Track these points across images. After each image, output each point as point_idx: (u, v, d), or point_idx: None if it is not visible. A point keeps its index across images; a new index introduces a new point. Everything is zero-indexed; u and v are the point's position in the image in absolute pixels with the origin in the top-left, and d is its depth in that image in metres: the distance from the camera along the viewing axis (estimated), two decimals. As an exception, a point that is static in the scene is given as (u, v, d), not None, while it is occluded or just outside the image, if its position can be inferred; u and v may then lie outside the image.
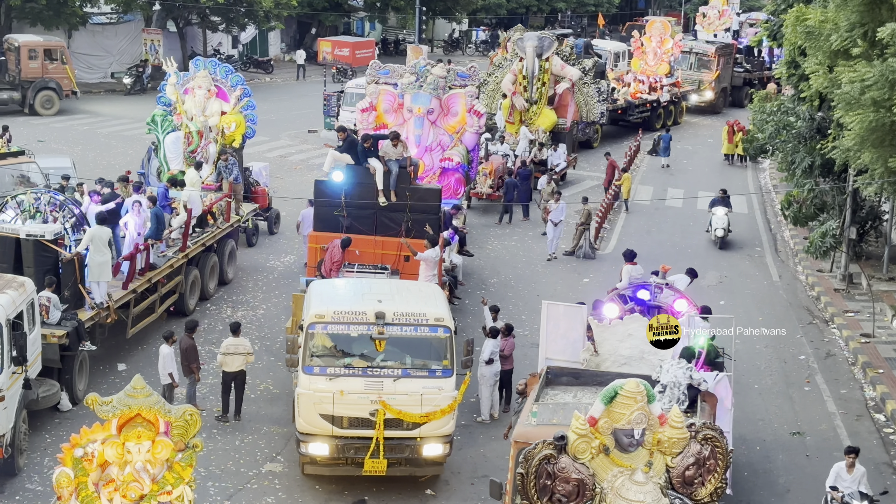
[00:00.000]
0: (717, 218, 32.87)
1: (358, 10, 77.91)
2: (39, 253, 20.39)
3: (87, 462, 11.60)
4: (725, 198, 33.48)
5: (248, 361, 20.19)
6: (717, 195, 33.75)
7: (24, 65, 47.45)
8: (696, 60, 57.14)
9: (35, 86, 47.44)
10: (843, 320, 26.35)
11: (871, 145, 20.92)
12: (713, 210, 33.21)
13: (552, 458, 11.85)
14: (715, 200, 33.51)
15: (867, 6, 21.01)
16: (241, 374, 20.05)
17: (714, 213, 33.07)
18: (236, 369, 19.95)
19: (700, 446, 12.15)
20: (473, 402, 20.74)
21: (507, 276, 29.13)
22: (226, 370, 20.00)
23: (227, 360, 19.92)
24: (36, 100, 47.39)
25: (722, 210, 32.96)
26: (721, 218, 32.80)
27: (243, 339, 20.11)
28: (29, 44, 48.00)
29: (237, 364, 19.93)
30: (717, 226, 32.75)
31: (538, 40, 40.20)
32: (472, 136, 30.84)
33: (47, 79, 47.67)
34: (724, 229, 32.66)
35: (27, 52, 47.62)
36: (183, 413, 11.78)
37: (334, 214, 23.00)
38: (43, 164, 29.37)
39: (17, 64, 47.55)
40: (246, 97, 29.67)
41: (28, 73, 47.48)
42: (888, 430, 20.87)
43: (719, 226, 32.71)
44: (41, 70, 47.70)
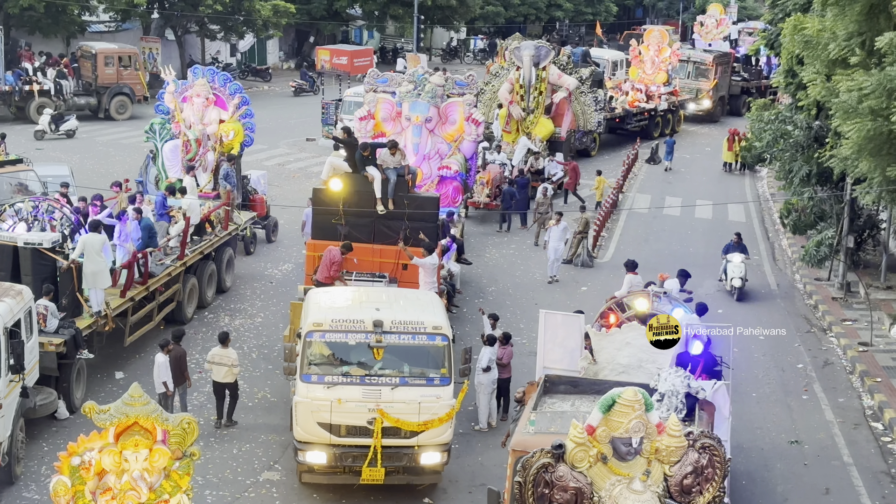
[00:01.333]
0: (733, 266, 29.00)
1: (356, 19, 78.04)
2: (37, 261, 20.38)
3: (84, 471, 11.58)
4: (740, 243, 29.91)
5: (234, 374, 20.14)
6: (732, 240, 29.92)
7: (101, 71, 49.55)
8: (693, 69, 57.28)
9: (110, 91, 49.33)
10: (840, 329, 26.35)
11: (868, 154, 20.93)
12: (728, 257, 29.35)
13: (550, 467, 11.83)
14: (729, 246, 29.76)
15: (865, 16, 21.05)
16: (230, 385, 20.05)
17: (729, 261, 29.19)
18: (222, 379, 19.93)
19: (698, 455, 12.14)
20: (471, 410, 20.72)
21: (505, 285, 29.13)
22: (214, 379, 20.03)
23: (213, 368, 19.94)
24: (111, 105, 49.49)
25: (738, 257, 29.16)
26: (737, 266, 28.95)
27: (230, 351, 20.03)
28: (105, 51, 50.25)
29: (222, 374, 19.90)
30: (734, 275, 28.84)
31: (535, 49, 40.25)
32: (470, 145, 30.87)
33: (122, 84, 49.90)
34: (741, 279, 28.77)
35: (103, 59, 49.70)
36: (180, 421, 11.77)
37: (332, 223, 23.00)
38: (41, 173, 29.36)
39: (94, 70, 49.51)
40: (244, 105, 29.73)
41: (104, 79, 49.46)
42: (886, 439, 20.85)
43: (736, 275, 28.80)
44: (116, 76, 49.75)
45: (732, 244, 29.70)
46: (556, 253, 29.52)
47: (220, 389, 20.04)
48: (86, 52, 50.30)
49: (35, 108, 47.03)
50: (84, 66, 50.44)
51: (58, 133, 43.25)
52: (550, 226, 29.85)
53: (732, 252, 29.40)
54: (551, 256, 29.65)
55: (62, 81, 49.07)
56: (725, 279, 29.15)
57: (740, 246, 29.62)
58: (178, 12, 58.77)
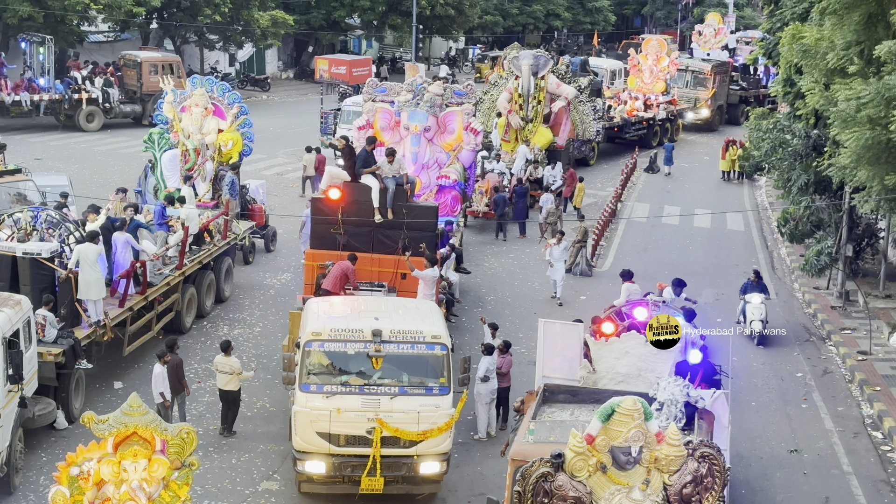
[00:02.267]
0: (752, 308, 26.40)
1: (355, 29, 78.14)
2: (36, 271, 20.38)
3: (83, 481, 11.58)
4: (760, 282, 27.28)
5: (244, 378, 20.23)
6: (750, 279, 27.35)
7: (146, 79, 50.55)
8: (692, 78, 57.39)
9: (154, 98, 48.96)
10: (840, 338, 26.35)
11: (867, 163, 20.96)
12: (746, 297, 26.71)
13: (549, 476, 11.83)
14: (747, 286, 27.11)
15: (863, 25, 21.08)
16: (232, 392, 20.08)
17: (748, 302, 26.57)
18: (224, 387, 20.01)
19: (697, 464, 12.14)
20: (470, 419, 20.71)
21: (504, 294, 29.13)
22: (219, 387, 20.13)
23: (218, 376, 20.05)
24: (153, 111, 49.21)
25: (758, 297, 26.51)
26: (757, 307, 26.37)
27: (232, 359, 20.04)
28: (150, 59, 51.57)
29: (224, 382, 19.98)
30: (754, 317, 26.27)
31: (534, 59, 40.30)
32: (468, 154, 30.86)
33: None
34: (761, 321, 26.11)
35: (148, 67, 50.89)
36: (179, 431, 11.77)
37: (331, 232, 23.00)
38: (40, 182, 29.36)
39: (139, 78, 50.56)
40: (243, 115, 29.78)
41: (148, 87, 50.20)
42: (886, 448, 20.84)
43: (756, 317, 26.24)
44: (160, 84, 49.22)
45: (750, 283, 26.98)
46: (558, 273, 28.59)
47: (223, 396, 20.15)
48: (129, 61, 51.55)
49: (84, 117, 48.48)
50: (127, 74, 51.33)
51: None
52: (550, 245, 28.96)
53: (751, 292, 26.65)
54: (555, 277, 28.69)
55: (109, 90, 50.01)
56: (744, 322, 26.34)
57: (759, 285, 26.97)
58: (177, 22, 58.83)
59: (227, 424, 20.16)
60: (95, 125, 47.43)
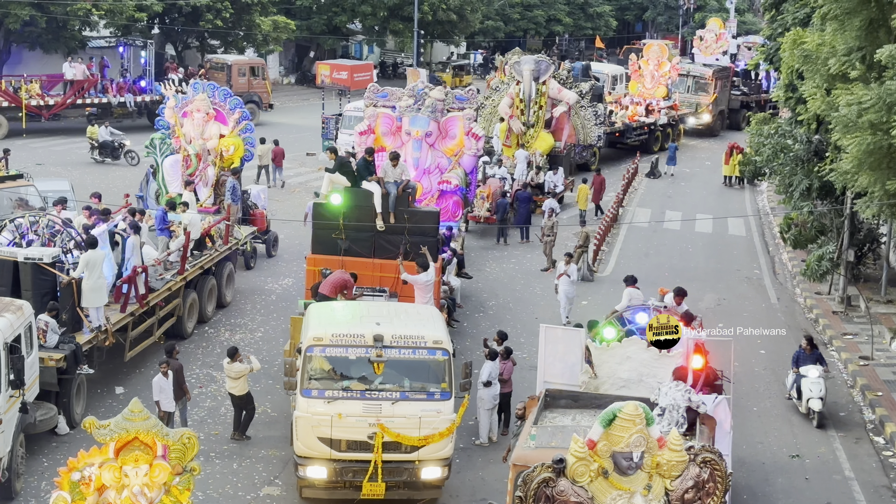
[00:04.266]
0: (809, 383, 22.05)
1: (356, 34, 78.20)
2: (38, 276, 20.40)
3: (84, 486, 11.57)
4: (815, 350, 22.73)
5: (255, 370, 20.31)
6: (801, 347, 22.82)
7: (235, 80, 54.01)
8: (693, 83, 57.38)
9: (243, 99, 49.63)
10: (841, 343, 26.33)
11: (868, 168, 20.95)
12: (801, 370, 22.37)
13: (551, 482, 11.82)
14: (800, 355, 22.64)
15: (865, 30, 21.09)
16: (242, 397, 20.14)
17: (803, 376, 22.26)
18: (230, 390, 20.12)
19: (699, 469, 12.13)
20: (472, 424, 20.70)
21: (505, 299, 29.12)
22: (229, 392, 20.28)
23: (227, 381, 20.15)
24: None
25: (815, 371, 22.13)
26: (815, 383, 21.98)
27: (235, 364, 20.05)
28: (239, 62, 55.76)
29: (230, 386, 20.08)
30: (811, 394, 21.93)
31: (535, 64, 40.35)
32: (470, 159, 30.88)
33: (251, 93, 54.06)
34: (820, 399, 21.88)
35: (237, 70, 54.93)
36: (181, 436, 11.76)
37: (332, 237, 23.00)
38: (41, 188, 29.40)
39: (228, 80, 53.49)
40: (244, 120, 29.77)
41: (237, 89, 51.82)
42: (887, 453, 20.82)
43: (814, 394, 21.90)
44: (248, 85, 53.86)
45: (803, 352, 22.62)
46: (567, 296, 27.06)
47: (234, 401, 20.29)
48: (217, 64, 55.28)
49: None
50: (213, 76, 53.01)
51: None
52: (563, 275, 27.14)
53: (806, 363, 22.39)
54: (563, 300, 27.12)
55: None
56: (799, 399, 22.43)
57: (814, 354, 22.58)
58: (179, 27, 58.89)
59: (241, 429, 20.24)
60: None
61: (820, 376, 22.12)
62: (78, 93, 49.11)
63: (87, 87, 49.56)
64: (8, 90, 47.10)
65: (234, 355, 20.05)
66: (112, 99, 49.69)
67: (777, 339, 26.50)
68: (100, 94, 50.03)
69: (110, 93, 49.90)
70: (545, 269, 31.28)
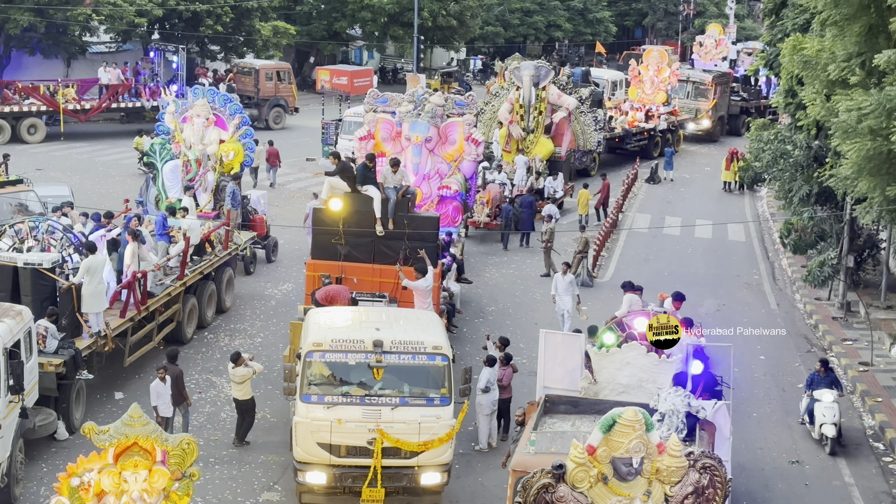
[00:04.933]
0: (823, 407, 21.13)
1: (356, 39, 78.23)
2: (37, 281, 20.40)
3: (83, 491, 11.56)
4: (829, 374, 21.82)
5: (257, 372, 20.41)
6: (815, 370, 21.93)
7: (262, 85, 55.58)
8: (693, 89, 57.41)
9: (270, 103, 55.12)
10: (841, 349, 26.32)
11: (868, 174, 20.95)
12: (815, 394, 21.45)
13: (550, 487, 11.82)
14: (814, 378, 21.70)
15: (864, 36, 21.09)
16: (246, 402, 20.20)
17: (817, 400, 21.33)
18: (235, 394, 20.21)
19: (699, 475, 12.12)
20: (471, 430, 20.69)
21: (504, 305, 29.12)
22: (233, 396, 20.37)
23: (231, 386, 20.25)
24: (269, 115, 54.75)
25: (829, 395, 21.19)
26: (829, 407, 21.06)
27: (239, 368, 20.08)
28: (266, 66, 56.79)
29: (234, 391, 20.17)
30: (825, 419, 21.02)
31: (535, 69, 40.35)
32: (469, 165, 30.89)
33: (278, 97, 55.77)
34: (834, 424, 20.92)
35: (265, 74, 55.90)
36: (180, 442, 11.76)
37: (332, 242, 23.00)
38: (41, 193, 29.41)
39: (256, 84, 55.40)
40: (244, 125, 29.79)
41: (265, 92, 55.45)
42: (887, 459, 20.81)
43: (828, 420, 20.98)
44: (275, 89, 55.91)
45: (817, 375, 21.68)
46: (564, 309, 26.03)
47: (237, 406, 20.34)
48: (244, 68, 56.68)
49: None
50: (240, 80, 56.01)
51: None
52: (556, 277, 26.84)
53: (820, 387, 21.43)
54: (562, 311, 26.08)
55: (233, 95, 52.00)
56: (812, 425, 21.53)
57: (829, 377, 21.66)
58: (179, 32, 58.90)
59: (240, 435, 20.24)
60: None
61: (834, 401, 21.14)
62: (112, 97, 49.73)
63: (121, 92, 50.30)
64: (46, 94, 47.86)
65: (237, 360, 20.08)
66: (145, 103, 50.22)
67: (777, 342, 26.54)
68: (133, 98, 50.82)
69: (143, 97, 50.63)
70: (545, 275, 31.28)
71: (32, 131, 47.40)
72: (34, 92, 47.68)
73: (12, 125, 46.85)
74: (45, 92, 47.80)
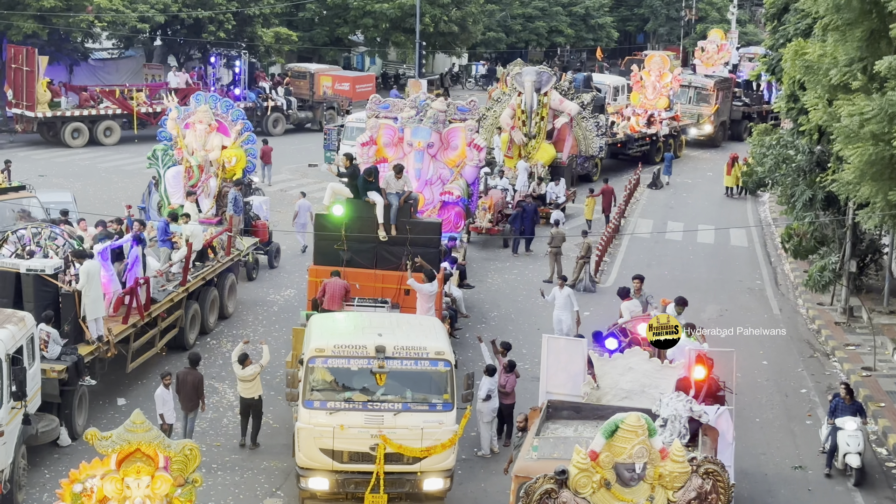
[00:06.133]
0: (846, 436, 19.79)
1: (358, 45, 78.28)
2: (39, 288, 20.40)
3: (86, 497, 11.57)
4: (854, 401, 20.39)
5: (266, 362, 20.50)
6: (839, 396, 20.37)
7: (318, 88, 58.67)
8: (695, 94, 57.40)
9: (324, 105, 57.63)
10: (843, 354, 26.30)
11: (870, 178, 20.94)
12: (838, 422, 19.99)
13: (553, 493, 11.81)
14: (838, 405, 20.18)
15: (866, 41, 21.09)
16: (254, 402, 20.26)
17: (840, 428, 19.93)
18: (243, 394, 20.27)
19: (702, 480, 12.12)
20: (474, 436, 20.68)
21: (507, 310, 29.11)
22: (241, 396, 20.40)
23: (239, 385, 20.31)
24: (324, 117, 56.49)
25: (853, 423, 19.81)
26: (853, 436, 19.74)
27: (248, 368, 20.12)
28: (320, 70, 60.26)
29: (244, 391, 20.22)
30: (849, 449, 19.69)
31: (536, 75, 40.36)
32: (472, 170, 30.88)
33: (331, 99, 58.17)
34: (858, 454, 19.65)
35: (320, 78, 58.86)
36: (182, 448, 11.76)
37: (334, 248, 23.00)
38: (44, 199, 29.42)
39: (311, 88, 58.42)
40: (247, 131, 29.79)
41: (319, 95, 58.43)
42: (890, 464, 20.78)
43: (852, 449, 19.65)
44: (331, 91, 59.23)
45: (842, 401, 20.18)
46: (560, 325, 25.34)
47: (243, 408, 20.38)
48: (298, 72, 59.55)
49: (272, 122, 54.99)
50: (295, 84, 58.51)
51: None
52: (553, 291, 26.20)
53: (843, 414, 20.00)
54: (557, 328, 25.25)
55: (289, 98, 56.87)
56: (834, 454, 20.10)
57: (854, 405, 20.22)
58: (181, 39, 58.99)
59: (251, 437, 20.35)
60: (279, 129, 54.72)
61: (858, 429, 19.81)
62: (181, 100, 49.51)
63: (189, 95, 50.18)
64: (121, 98, 49.63)
65: (244, 361, 20.12)
66: None
67: (778, 343, 26.53)
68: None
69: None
70: (548, 281, 31.27)
71: (108, 133, 49.56)
72: (110, 95, 49.59)
73: (89, 127, 49.05)
74: (119, 96, 49.53)
